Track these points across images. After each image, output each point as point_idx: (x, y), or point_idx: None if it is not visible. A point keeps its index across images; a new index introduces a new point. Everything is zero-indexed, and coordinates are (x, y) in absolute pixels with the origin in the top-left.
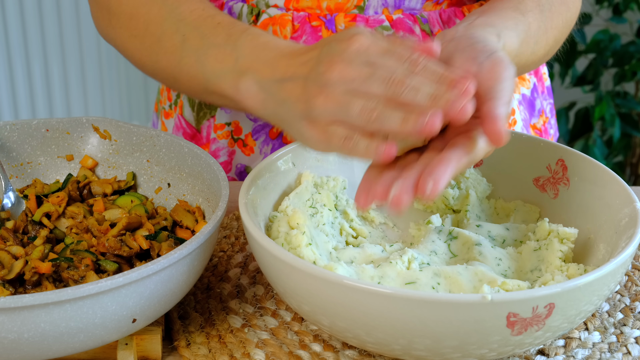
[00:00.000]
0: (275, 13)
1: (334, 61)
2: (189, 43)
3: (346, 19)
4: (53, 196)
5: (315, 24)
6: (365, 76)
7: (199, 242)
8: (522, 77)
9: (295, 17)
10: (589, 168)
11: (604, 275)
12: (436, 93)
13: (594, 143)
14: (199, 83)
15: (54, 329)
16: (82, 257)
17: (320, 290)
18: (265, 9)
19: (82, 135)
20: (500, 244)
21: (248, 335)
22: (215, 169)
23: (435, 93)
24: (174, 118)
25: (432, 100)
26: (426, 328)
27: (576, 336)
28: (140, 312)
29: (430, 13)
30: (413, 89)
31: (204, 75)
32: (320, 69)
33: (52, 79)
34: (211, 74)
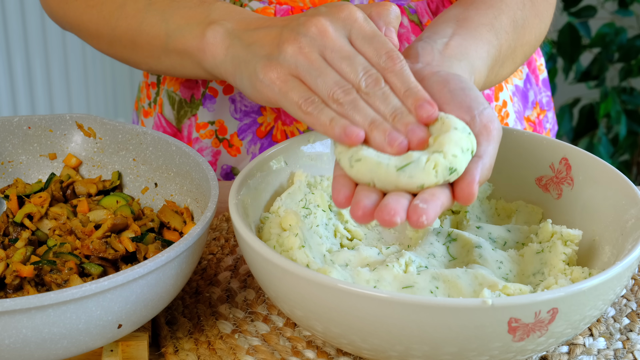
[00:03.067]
0: (257, 6)
1: (318, 16)
2: (155, 6)
3: None
4: (35, 196)
5: None
6: (346, 52)
7: (188, 245)
8: None
9: (278, 10)
10: (593, 167)
11: (609, 279)
12: (400, 111)
13: (599, 141)
14: (159, 43)
15: (36, 335)
16: (66, 260)
17: (314, 294)
18: (247, 2)
19: (66, 133)
20: (502, 246)
21: (238, 341)
22: (205, 168)
23: (399, 110)
24: (153, 117)
25: (393, 117)
26: (424, 334)
27: (580, 342)
28: (126, 318)
29: (418, 3)
30: (383, 95)
31: (166, 32)
32: (301, 19)
33: (34, 74)
34: (175, 29)
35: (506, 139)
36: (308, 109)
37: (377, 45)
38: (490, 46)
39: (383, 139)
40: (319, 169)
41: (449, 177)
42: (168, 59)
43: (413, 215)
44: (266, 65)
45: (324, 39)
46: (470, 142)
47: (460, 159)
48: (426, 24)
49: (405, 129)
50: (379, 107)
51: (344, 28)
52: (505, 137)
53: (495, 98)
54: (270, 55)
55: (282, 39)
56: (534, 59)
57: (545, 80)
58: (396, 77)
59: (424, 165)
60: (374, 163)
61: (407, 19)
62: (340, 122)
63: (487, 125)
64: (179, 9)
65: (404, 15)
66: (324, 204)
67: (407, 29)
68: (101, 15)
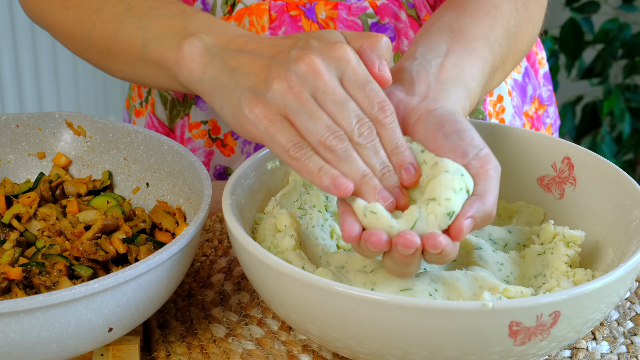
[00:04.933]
0: (251, 2)
1: (310, 53)
2: (133, 12)
3: (327, 7)
4: (23, 197)
5: (294, 14)
6: (338, 96)
7: (180, 246)
8: None
9: (273, 6)
10: (596, 166)
11: (613, 282)
12: (387, 169)
13: (602, 140)
14: (135, 51)
15: (24, 338)
16: (55, 262)
17: (310, 297)
18: None
19: (55, 131)
20: (502, 248)
21: (232, 345)
22: (197, 168)
23: (387, 169)
24: (145, 116)
25: (382, 174)
26: (423, 338)
27: (583, 346)
28: (117, 321)
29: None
30: (374, 148)
31: (142, 41)
32: (293, 54)
33: (22, 70)
34: (152, 39)
35: (507, 138)
36: (296, 155)
37: (370, 93)
38: (484, 63)
39: (373, 197)
40: None
41: (449, 221)
42: (142, 69)
43: (429, 239)
44: (252, 101)
45: (315, 79)
46: (464, 182)
47: (455, 200)
48: (424, 18)
49: (391, 190)
50: (369, 160)
51: (337, 69)
52: (506, 136)
53: (490, 93)
54: (256, 89)
55: (271, 73)
56: (533, 52)
57: (547, 74)
58: (386, 131)
59: (426, 218)
60: (387, 225)
61: (405, 13)
62: (330, 172)
63: (484, 166)
64: (157, 17)
65: (402, 10)
66: (319, 204)
67: (405, 24)
68: (77, 17)
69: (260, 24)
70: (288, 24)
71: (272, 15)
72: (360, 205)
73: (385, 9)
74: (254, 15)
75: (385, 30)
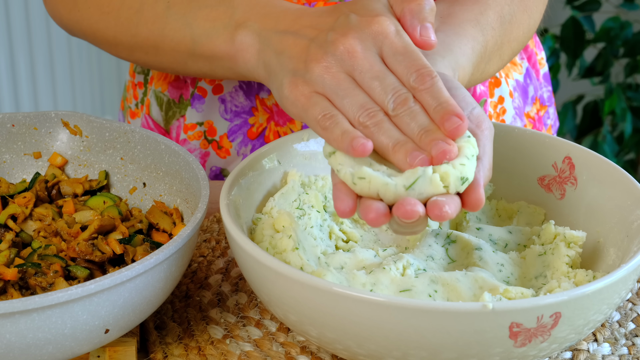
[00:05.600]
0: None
1: (347, 34)
2: (175, 9)
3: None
4: (19, 197)
5: None
6: (376, 72)
7: (177, 247)
8: (513, 61)
9: None
10: (598, 166)
11: (614, 282)
12: (427, 128)
13: (603, 139)
14: (185, 48)
15: (20, 340)
16: (51, 263)
17: (308, 298)
18: None
19: (51, 130)
20: (502, 249)
21: (230, 347)
22: (195, 167)
23: (426, 128)
24: (140, 118)
25: (420, 136)
26: (422, 339)
27: (584, 348)
28: (114, 322)
29: None
30: (411, 113)
31: (192, 37)
32: (331, 36)
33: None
34: (201, 34)
35: (507, 138)
36: (325, 124)
37: (408, 63)
38: (475, 42)
39: (404, 160)
40: (313, 168)
41: (461, 187)
42: (195, 64)
43: (435, 208)
44: (292, 82)
45: (352, 60)
46: (473, 147)
47: (469, 166)
48: None
49: (429, 145)
50: (406, 127)
51: (375, 45)
52: (507, 136)
53: (491, 94)
54: (296, 70)
55: (310, 56)
56: (534, 52)
57: (546, 75)
58: (427, 93)
59: (430, 178)
60: (381, 183)
61: None
62: (351, 134)
63: (479, 125)
64: (200, 10)
65: None
66: (318, 204)
67: None
68: (119, 22)
69: None
70: None
71: None
72: (347, 174)
73: None
74: None
75: None
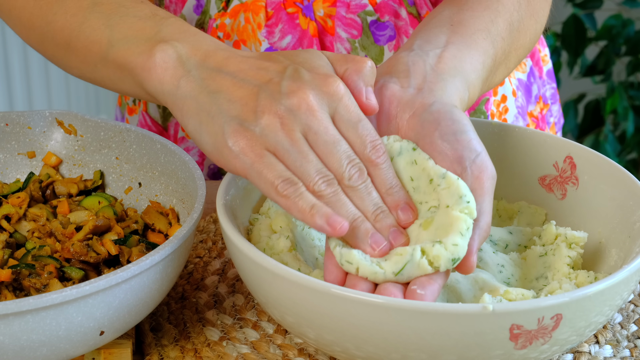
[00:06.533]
0: None
1: (302, 87)
2: (101, 7)
3: (325, 4)
4: (13, 197)
5: (291, 11)
6: (330, 137)
7: (173, 247)
8: None
9: (269, 2)
10: (599, 166)
11: (616, 284)
12: (381, 209)
13: (605, 139)
14: (99, 50)
15: (14, 342)
16: (45, 264)
17: (306, 299)
18: None
19: (45, 130)
20: (503, 249)
21: (226, 349)
22: (191, 167)
23: (380, 209)
24: (138, 115)
25: (375, 216)
26: (422, 341)
27: (586, 350)
28: (109, 324)
29: None
30: (366, 189)
31: (109, 40)
32: (284, 87)
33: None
34: (120, 39)
35: (508, 137)
36: (285, 192)
37: (363, 132)
38: (486, 56)
39: (365, 241)
40: None
41: (451, 266)
42: (105, 70)
43: (411, 295)
44: (238, 132)
45: (308, 118)
46: (470, 217)
47: (461, 245)
48: (425, 15)
49: (387, 232)
50: (361, 202)
51: (329, 105)
52: (507, 135)
53: (494, 93)
54: (243, 120)
55: (261, 105)
56: (537, 50)
57: (550, 72)
58: (379, 171)
59: (418, 263)
60: (369, 272)
61: (406, 11)
62: (322, 210)
63: (480, 177)
64: (126, 17)
65: (403, 7)
66: None
67: (405, 21)
68: (37, 4)
69: (256, 21)
70: (285, 22)
71: (269, 12)
72: (336, 252)
73: (385, 6)
74: (249, 12)
75: (385, 28)
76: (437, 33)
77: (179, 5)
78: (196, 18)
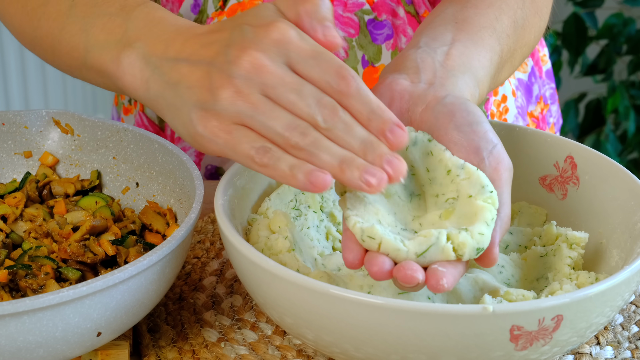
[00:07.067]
0: None
1: (246, 47)
2: (77, 9)
3: None
4: (9, 197)
5: None
6: (290, 84)
7: (171, 248)
8: None
9: (266, 1)
10: (600, 166)
11: (617, 284)
12: (368, 140)
13: (606, 138)
14: (78, 55)
15: (10, 343)
16: (42, 264)
17: (304, 300)
18: None
19: (42, 129)
20: (503, 250)
21: (225, 350)
22: (189, 167)
23: (368, 141)
24: (134, 114)
25: (363, 150)
26: (421, 342)
27: (587, 351)
28: (106, 325)
29: None
30: (345, 125)
31: (85, 46)
32: (230, 55)
33: (8, 67)
34: (94, 45)
35: (508, 137)
36: (262, 160)
37: (323, 65)
38: (492, 53)
39: (358, 179)
40: None
41: (475, 256)
42: (89, 74)
43: (432, 278)
44: (203, 116)
45: (261, 76)
46: (494, 207)
47: (487, 235)
48: (423, 15)
49: (380, 161)
50: (344, 141)
51: (280, 54)
52: (508, 134)
53: (494, 92)
54: (204, 103)
55: (214, 83)
56: (537, 49)
57: (549, 72)
58: (353, 100)
59: (443, 247)
60: (392, 248)
61: (404, 9)
62: (303, 167)
63: (497, 168)
64: (99, 17)
65: (400, 6)
66: (315, 205)
67: (403, 20)
68: (24, 10)
69: None
70: None
71: None
72: (357, 229)
73: (383, 5)
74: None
75: (382, 27)
76: (442, 31)
77: (175, 5)
78: (194, 17)
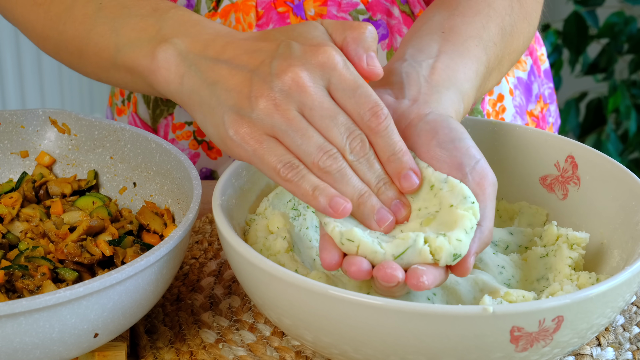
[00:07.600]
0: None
1: (293, 65)
2: (105, 12)
3: (316, 3)
4: (6, 197)
5: (282, 10)
6: (327, 111)
7: (168, 248)
8: None
9: (260, 2)
10: (601, 166)
11: (618, 285)
12: (383, 181)
13: (607, 138)
14: (108, 56)
15: (6, 344)
16: (38, 265)
17: (303, 301)
18: None
19: (38, 129)
20: (503, 250)
21: (223, 351)
22: (187, 167)
23: (383, 181)
24: (127, 115)
25: (377, 189)
26: (421, 344)
27: (587, 352)
28: (103, 326)
29: None
30: (368, 162)
31: (115, 45)
32: (275, 67)
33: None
34: (125, 43)
35: (508, 136)
36: (288, 175)
37: (360, 100)
38: (479, 64)
39: (371, 217)
40: None
41: (452, 262)
42: (118, 74)
43: (412, 277)
44: (236, 121)
45: (301, 95)
46: (475, 217)
47: (465, 242)
48: (418, 14)
49: (389, 204)
50: (364, 175)
51: (322, 77)
52: (508, 134)
53: (490, 92)
54: (240, 108)
55: (254, 91)
56: (534, 48)
57: (547, 71)
58: (380, 138)
59: (420, 250)
60: (370, 250)
61: (398, 9)
62: (326, 191)
63: (481, 183)
64: (129, 18)
65: (395, 6)
66: None
67: (398, 20)
68: (48, 16)
69: (247, 21)
70: (275, 21)
71: (259, 12)
72: (335, 231)
73: (377, 4)
74: (240, 12)
75: (377, 27)
76: (428, 41)
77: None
78: None
